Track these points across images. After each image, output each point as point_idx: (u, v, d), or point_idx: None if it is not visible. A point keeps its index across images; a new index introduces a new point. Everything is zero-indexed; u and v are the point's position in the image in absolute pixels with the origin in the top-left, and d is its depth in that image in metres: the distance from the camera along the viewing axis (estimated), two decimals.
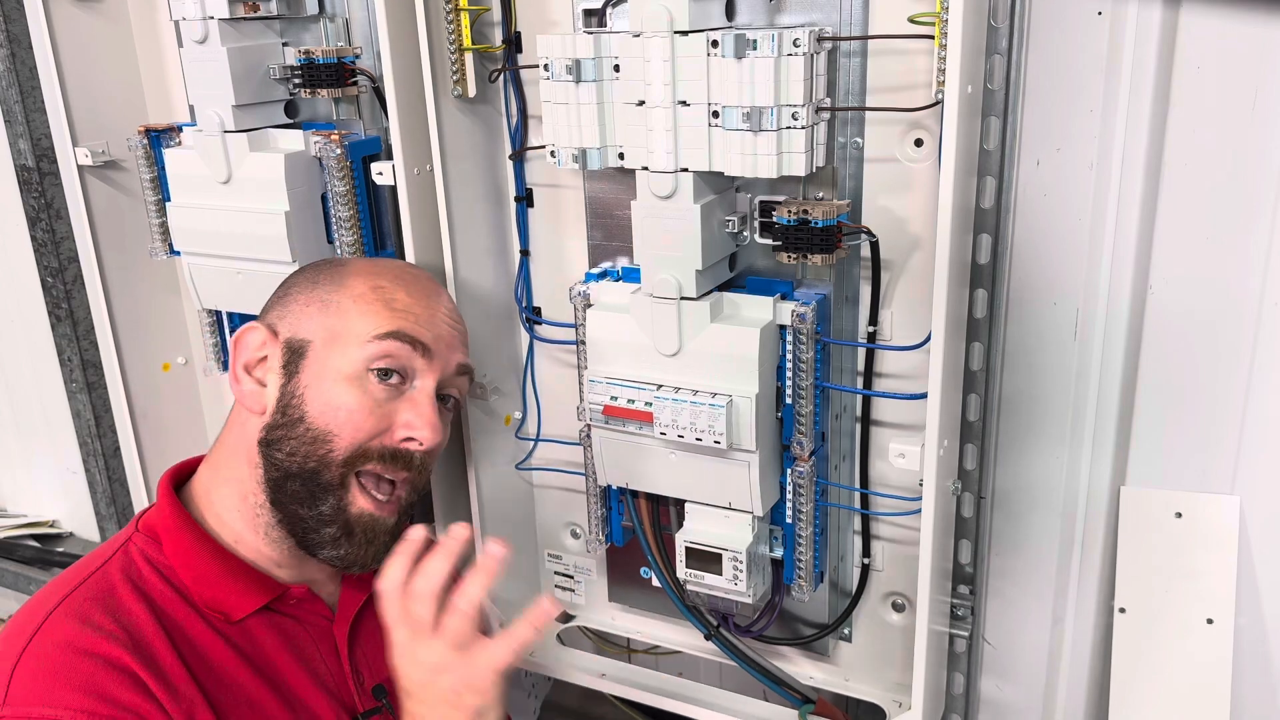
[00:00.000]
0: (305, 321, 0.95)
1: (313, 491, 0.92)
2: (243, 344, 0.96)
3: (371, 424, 0.92)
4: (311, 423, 0.92)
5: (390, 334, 0.93)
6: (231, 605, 0.93)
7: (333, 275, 0.98)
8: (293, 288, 0.99)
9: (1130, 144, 0.99)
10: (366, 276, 0.97)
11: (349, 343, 0.93)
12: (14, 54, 1.44)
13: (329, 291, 0.96)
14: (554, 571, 1.37)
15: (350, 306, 0.95)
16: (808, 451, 1.04)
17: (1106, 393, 1.08)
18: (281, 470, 0.93)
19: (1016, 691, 1.23)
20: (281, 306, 0.98)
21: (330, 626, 1.00)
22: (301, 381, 0.93)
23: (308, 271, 1.01)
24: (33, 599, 0.90)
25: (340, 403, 0.92)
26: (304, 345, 0.94)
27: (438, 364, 0.96)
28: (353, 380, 0.92)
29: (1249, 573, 1.08)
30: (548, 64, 0.96)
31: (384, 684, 1.01)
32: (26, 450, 1.94)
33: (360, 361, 0.92)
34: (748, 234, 1.02)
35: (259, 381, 0.95)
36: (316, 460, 0.92)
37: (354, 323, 0.94)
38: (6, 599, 1.95)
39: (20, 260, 1.66)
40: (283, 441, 0.92)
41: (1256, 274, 0.98)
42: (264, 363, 0.96)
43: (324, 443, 0.92)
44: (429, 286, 1.01)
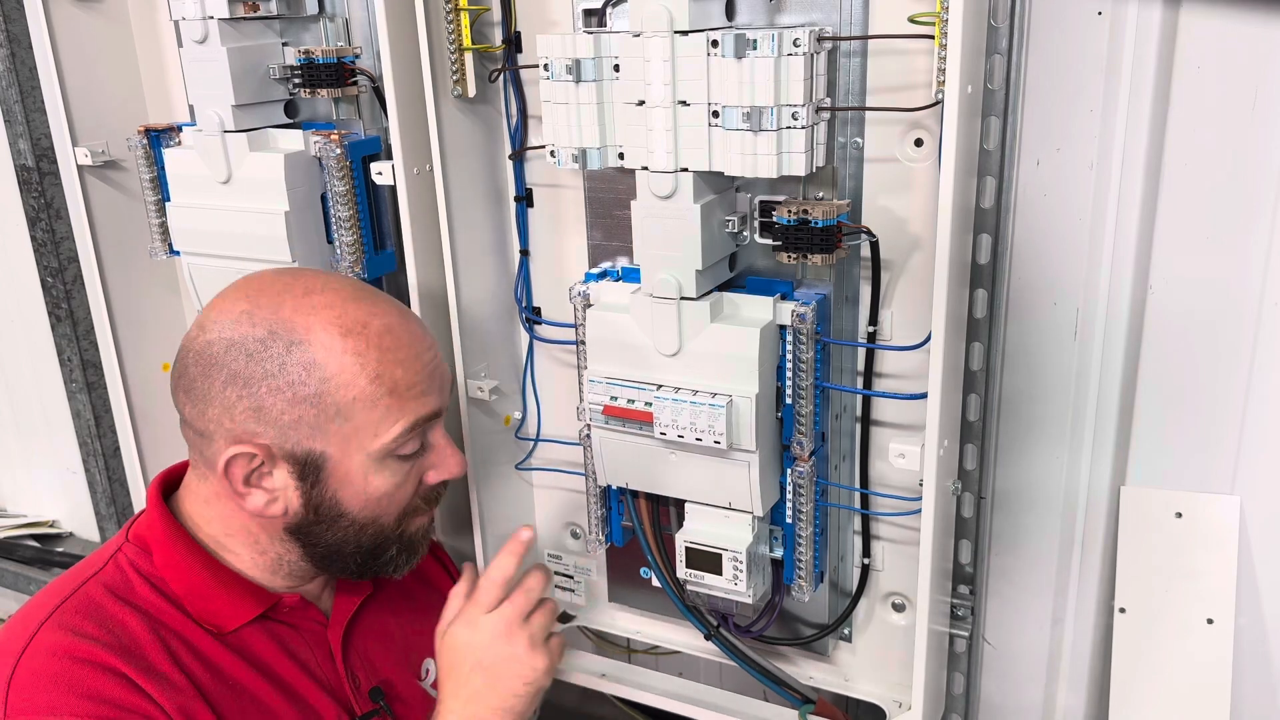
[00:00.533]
0: (303, 431, 0.87)
1: (376, 554, 0.96)
2: (237, 466, 0.88)
3: (409, 489, 0.95)
4: (355, 516, 0.93)
5: (411, 428, 0.91)
6: (225, 617, 0.92)
7: (305, 368, 0.86)
8: (255, 385, 0.86)
9: (1130, 144, 0.99)
10: (351, 366, 0.87)
11: (367, 442, 0.90)
12: (14, 54, 1.44)
13: (316, 393, 0.86)
14: (554, 571, 1.37)
15: (354, 408, 0.88)
16: (808, 451, 1.04)
17: (1106, 393, 1.08)
18: (333, 550, 0.94)
19: (1016, 691, 1.23)
20: (254, 413, 0.87)
21: (324, 632, 0.99)
22: (329, 488, 0.91)
23: (259, 359, 0.86)
24: (19, 612, 0.90)
25: (380, 492, 0.92)
26: (319, 457, 0.89)
27: (442, 406, 0.96)
28: (380, 469, 0.92)
29: (1249, 573, 1.08)
30: (548, 64, 0.96)
31: (380, 687, 1.01)
32: (26, 450, 1.94)
33: (385, 453, 0.91)
34: (748, 234, 1.02)
35: (268, 492, 0.90)
36: (370, 538, 0.94)
37: (365, 422, 0.89)
38: (6, 599, 1.95)
39: (20, 260, 1.66)
40: (324, 533, 0.93)
41: (1256, 274, 0.98)
42: (260, 470, 0.89)
43: (373, 524, 0.94)
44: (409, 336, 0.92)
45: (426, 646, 1.09)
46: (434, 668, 1.08)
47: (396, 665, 1.04)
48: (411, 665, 1.07)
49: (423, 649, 1.09)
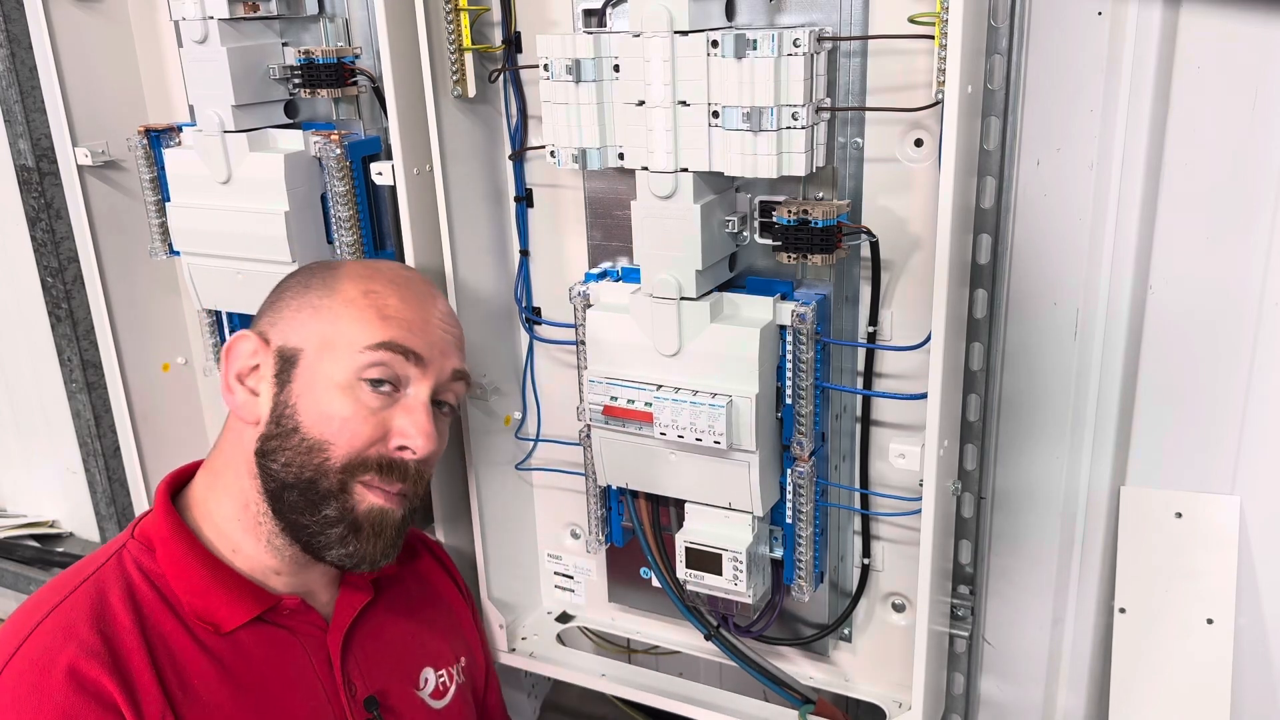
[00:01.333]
0: (297, 329, 0.94)
1: (312, 500, 0.91)
2: (234, 353, 0.94)
3: (367, 432, 0.91)
4: (306, 433, 0.91)
5: (382, 344, 0.91)
6: (222, 616, 0.92)
7: (325, 279, 0.96)
8: (285, 293, 0.97)
9: (1130, 144, 0.99)
10: (359, 281, 0.95)
11: (341, 351, 0.91)
12: (14, 54, 1.44)
13: (320, 296, 0.94)
14: (554, 571, 1.37)
15: (342, 312, 0.93)
16: (808, 452, 1.04)
17: (1106, 393, 1.08)
18: (278, 481, 0.92)
19: (1016, 691, 1.23)
20: (273, 313, 0.96)
21: (324, 637, 0.99)
22: (294, 391, 0.92)
23: (300, 275, 0.99)
24: (28, 602, 0.90)
25: (334, 411, 0.90)
26: (296, 354, 0.92)
27: (432, 371, 0.94)
28: (345, 389, 0.91)
29: (1249, 573, 1.08)
30: (548, 64, 0.96)
31: (375, 696, 1.00)
32: (26, 450, 1.94)
33: (352, 371, 0.91)
34: (748, 234, 1.02)
35: (252, 391, 0.94)
36: (313, 470, 0.91)
37: (346, 330, 0.92)
38: (6, 599, 1.95)
39: (20, 260, 1.66)
40: (278, 452, 0.91)
41: (1256, 274, 0.98)
42: (256, 371, 0.94)
43: (320, 452, 0.91)
44: (423, 290, 0.99)
45: (427, 655, 1.09)
46: (433, 677, 1.08)
47: (394, 674, 1.04)
48: (410, 675, 1.06)
49: (423, 658, 1.08)
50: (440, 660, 1.10)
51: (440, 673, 1.09)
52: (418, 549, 1.17)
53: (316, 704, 0.96)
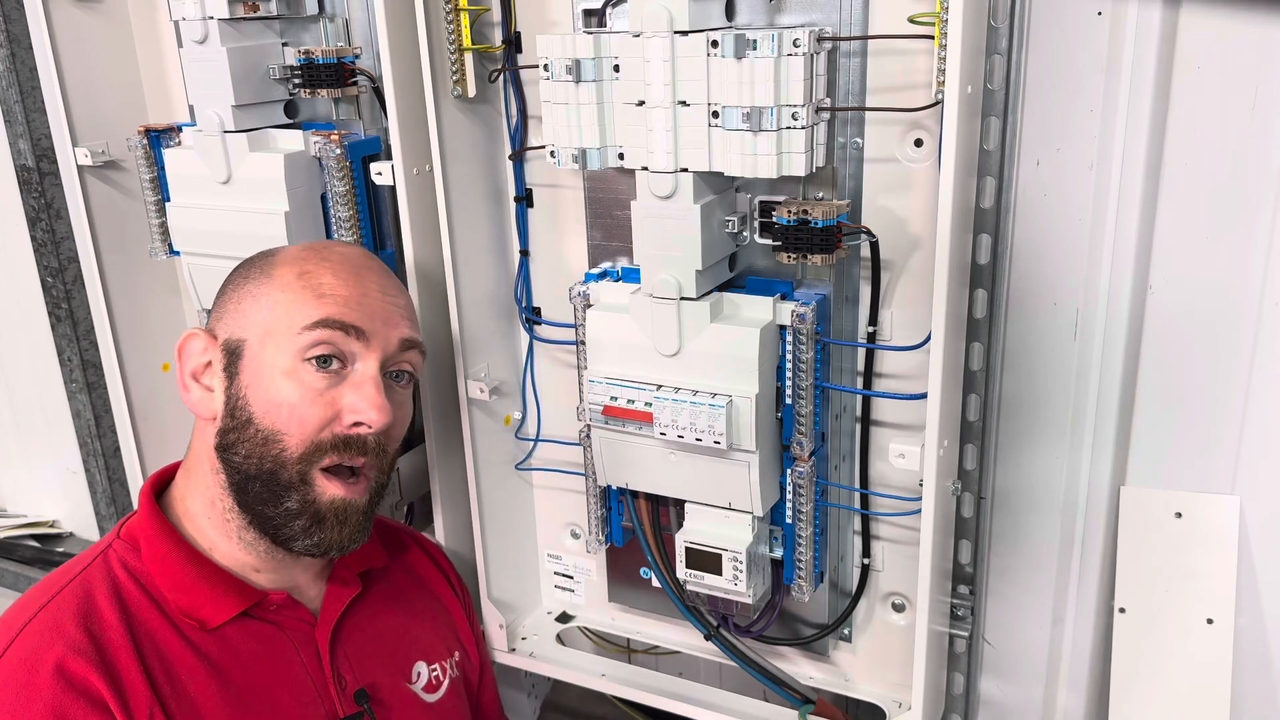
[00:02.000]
0: (238, 320, 0.94)
1: (274, 490, 0.91)
2: (186, 352, 0.95)
3: (317, 414, 0.90)
4: (260, 423, 0.91)
5: (318, 323, 0.91)
6: (208, 613, 0.92)
7: (262, 267, 0.96)
8: (227, 286, 0.97)
9: (1130, 144, 0.99)
10: (294, 264, 0.95)
11: (281, 336, 0.91)
12: (14, 54, 1.44)
13: (257, 284, 0.94)
14: (554, 571, 1.37)
15: (279, 297, 0.92)
16: (808, 452, 1.04)
17: (1106, 393, 1.08)
18: (240, 473, 0.92)
19: (1016, 691, 1.23)
20: (218, 309, 0.96)
21: (312, 632, 0.99)
22: (242, 382, 0.92)
23: (241, 267, 0.98)
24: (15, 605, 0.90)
25: (281, 398, 0.90)
26: (240, 345, 0.93)
27: (377, 343, 0.93)
28: (290, 374, 0.90)
29: (1249, 573, 1.08)
30: (548, 64, 0.96)
31: (366, 689, 1.00)
32: (26, 450, 1.94)
33: (293, 354, 0.91)
34: (748, 234, 1.02)
35: (206, 388, 0.94)
36: (272, 460, 0.91)
37: (283, 314, 0.92)
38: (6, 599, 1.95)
39: (20, 260, 1.66)
40: (236, 445, 0.91)
41: (1256, 274, 0.98)
42: (209, 368, 0.94)
43: (275, 442, 0.90)
44: (360, 264, 0.97)
45: (418, 649, 1.08)
46: (425, 670, 1.08)
47: (385, 667, 1.04)
48: (401, 668, 1.06)
49: (414, 651, 1.08)
50: (433, 654, 1.10)
51: (433, 666, 1.09)
52: (407, 543, 1.17)
53: (306, 698, 0.96)
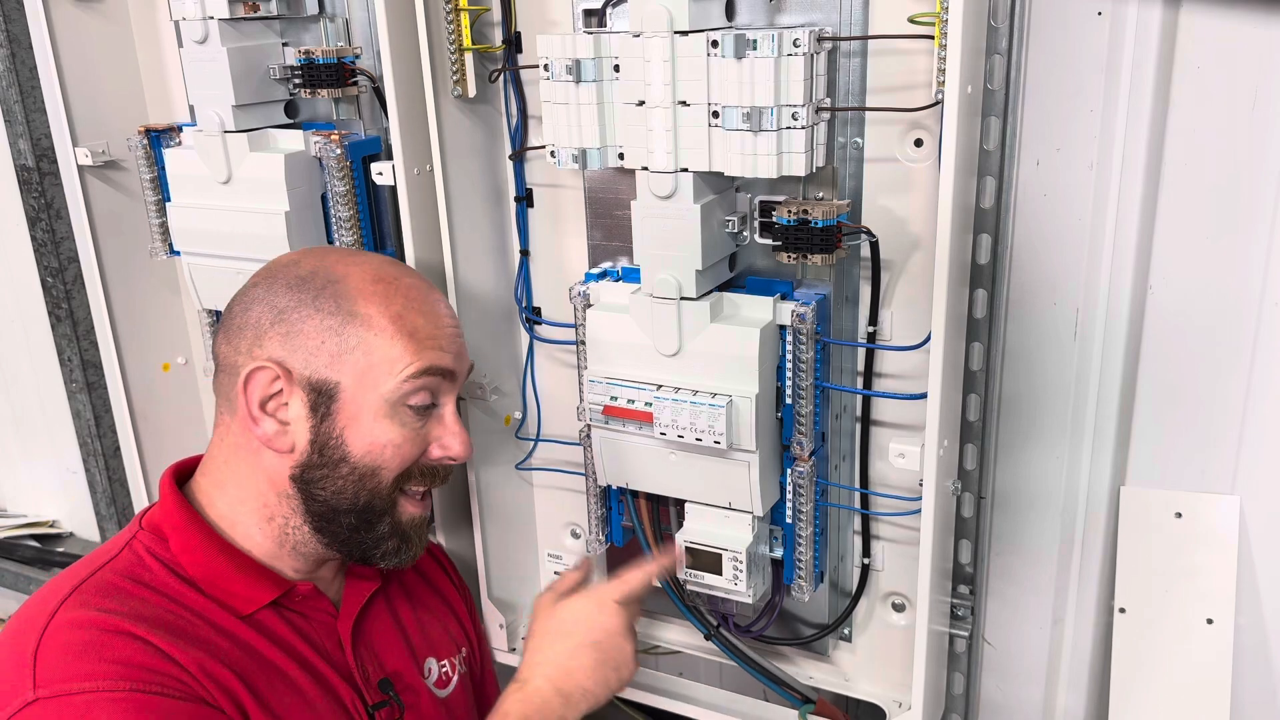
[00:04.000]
0: (324, 359, 0.91)
1: (368, 519, 0.95)
2: (255, 383, 0.91)
3: (414, 452, 0.95)
4: (356, 462, 0.92)
5: (424, 371, 0.93)
6: (241, 600, 0.93)
7: (340, 303, 0.92)
8: (290, 315, 0.92)
9: (1130, 144, 0.99)
10: (380, 304, 0.92)
11: (381, 380, 0.92)
12: (14, 54, 1.44)
13: (343, 324, 0.91)
14: (554, 571, 1.37)
15: (375, 342, 0.91)
16: (808, 451, 1.04)
17: (1106, 393, 1.08)
18: (329, 506, 0.94)
19: (1016, 691, 1.23)
20: (284, 338, 0.91)
21: (334, 623, 1.00)
22: (338, 424, 0.92)
23: (302, 294, 0.92)
24: (36, 595, 0.90)
25: (385, 440, 0.92)
26: (334, 387, 0.91)
27: (459, 380, 0.98)
28: (390, 417, 0.92)
29: (1249, 573, 1.08)
30: (548, 64, 0.96)
31: (389, 678, 1.01)
32: (26, 450, 1.94)
33: (396, 399, 0.92)
34: (748, 234, 1.02)
35: (281, 422, 0.92)
36: (368, 494, 0.94)
37: (382, 359, 0.92)
38: (6, 599, 1.95)
39: (20, 260, 1.66)
40: (325, 480, 0.93)
41: (1256, 274, 0.98)
42: (278, 398, 0.92)
43: (372, 477, 0.93)
44: (433, 298, 0.98)
45: (430, 645, 1.09)
46: (436, 666, 1.08)
47: (402, 659, 1.05)
48: (416, 662, 1.07)
49: (427, 647, 1.09)
50: (442, 650, 1.11)
51: (443, 663, 1.10)
52: None
53: (333, 685, 0.96)
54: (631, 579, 1.02)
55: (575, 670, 0.96)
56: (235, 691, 0.86)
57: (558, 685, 0.95)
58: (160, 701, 0.81)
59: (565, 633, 0.98)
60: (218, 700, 0.85)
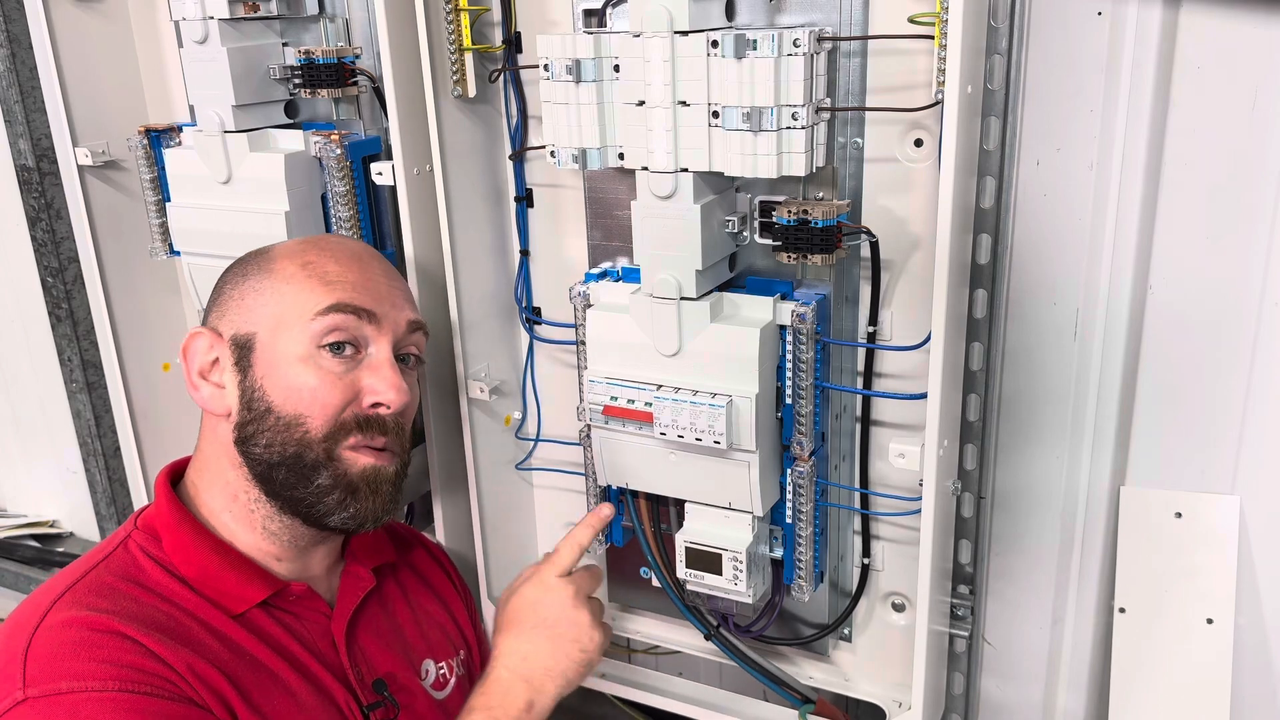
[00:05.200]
0: (244, 315, 0.95)
1: (301, 472, 0.93)
2: (191, 351, 0.96)
3: (338, 396, 0.93)
4: (280, 411, 0.92)
5: (331, 307, 0.93)
6: (234, 599, 0.93)
7: (260, 264, 0.97)
8: (225, 285, 0.99)
9: (1130, 144, 0.99)
10: (292, 257, 0.97)
11: (293, 325, 0.93)
12: (14, 54, 1.44)
13: (259, 279, 0.96)
14: None
15: (284, 289, 0.94)
16: (808, 451, 1.04)
17: (1106, 393, 1.08)
18: (264, 463, 0.93)
19: (1016, 691, 1.23)
20: (218, 306, 0.98)
21: (328, 623, 1.00)
22: (257, 374, 0.93)
23: (235, 266, 1.00)
24: (30, 596, 0.90)
25: (301, 384, 0.92)
26: (250, 338, 0.94)
27: (388, 326, 0.96)
28: (306, 360, 0.92)
29: (1249, 573, 1.08)
30: (548, 64, 0.96)
31: (383, 679, 1.01)
32: (26, 450, 1.94)
33: (308, 341, 0.92)
34: (748, 234, 1.02)
35: (216, 385, 0.95)
36: (296, 443, 0.92)
37: (292, 304, 0.93)
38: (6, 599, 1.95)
39: (20, 260, 1.66)
40: (257, 436, 0.93)
41: (1256, 274, 0.98)
42: (216, 365, 0.95)
43: (298, 425, 0.92)
44: (360, 251, 1.00)
45: (427, 646, 1.09)
46: (433, 668, 1.08)
47: (397, 660, 1.05)
48: (412, 663, 1.07)
49: (424, 648, 1.09)
50: (440, 652, 1.11)
51: (440, 664, 1.10)
52: (412, 542, 1.18)
53: (327, 686, 0.96)
54: (564, 551, 1.04)
55: (531, 654, 0.98)
56: (224, 692, 0.87)
57: (518, 672, 0.97)
58: (148, 702, 0.81)
59: (517, 621, 1.00)
60: (206, 701, 0.85)
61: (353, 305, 0.94)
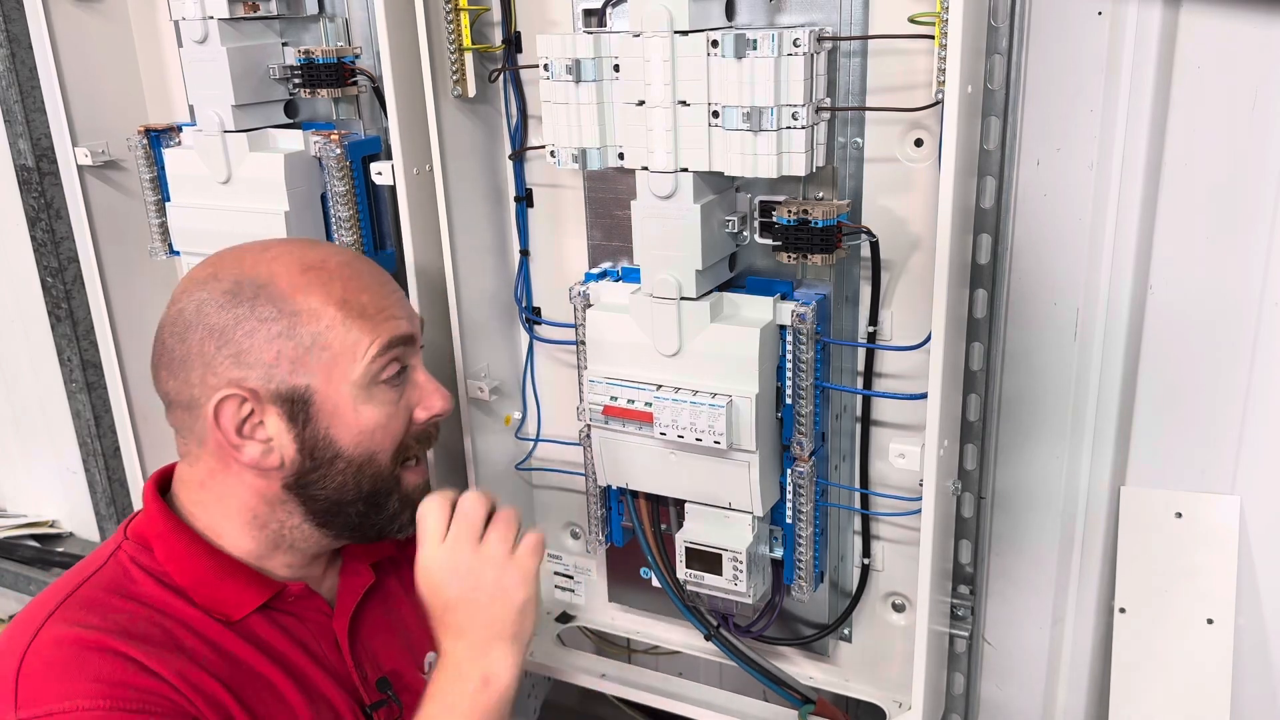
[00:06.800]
0: (284, 367, 0.88)
1: (376, 503, 0.95)
2: (226, 413, 0.88)
3: (400, 424, 0.94)
4: (351, 455, 0.92)
5: (387, 346, 0.91)
6: (231, 605, 0.92)
7: (273, 304, 0.88)
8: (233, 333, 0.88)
9: (1130, 144, 0.99)
10: (317, 293, 0.89)
11: (348, 368, 0.90)
12: (14, 54, 1.44)
13: (289, 326, 0.88)
14: (554, 571, 1.37)
15: (328, 335, 0.89)
16: (808, 452, 1.04)
17: (1106, 393, 1.08)
18: (332, 503, 0.93)
19: (1016, 691, 1.23)
20: (234, 359, 0.88)
21: (329, 622, 0.99)
22: (321, 425, 0.90)
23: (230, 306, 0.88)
24: (20, 614, 0.89)
25: (372, 424, 0.92)
26: (304, 391, 0.89)
27: (417, 339, 0.97)
28: (368, 400, 0.91)
29: (1249, 573, 1.08)
30: (548, 64, 0.96)
31: (387, 677, 1.01)
32: (26, 450, 1.94)
33: (367, 381, 0.91)
34: (748, 234, 1.02)
35: (261, 441, 0.90)
36: (370, 480, 0.93)
37: (342, 348, 0.90)
38: (6, 599, 1.95)
39: (20, 260, 1.66)
40: (324, 480, 0.92)
41: (1256, 274, 0.98)
42: (251, 420, 0.89)
43: (370, 464, 0.93)
44: (366, 270, 0.95)
45: (428, 640, 1.08)
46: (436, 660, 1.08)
47: (400, 657, 1.04)
48: (415, 658, 1.06)
49: (426, 641, 1.08)
50: None
51: None
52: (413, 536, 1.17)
53: (330, 687, 0.96)
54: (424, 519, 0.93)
55: (463, 622, 0.91)
56: (222, 702, 0.86)
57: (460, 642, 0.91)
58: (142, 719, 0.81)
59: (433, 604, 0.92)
60: (203, 713, 0.84)
61: (401, 337, 0.93)
